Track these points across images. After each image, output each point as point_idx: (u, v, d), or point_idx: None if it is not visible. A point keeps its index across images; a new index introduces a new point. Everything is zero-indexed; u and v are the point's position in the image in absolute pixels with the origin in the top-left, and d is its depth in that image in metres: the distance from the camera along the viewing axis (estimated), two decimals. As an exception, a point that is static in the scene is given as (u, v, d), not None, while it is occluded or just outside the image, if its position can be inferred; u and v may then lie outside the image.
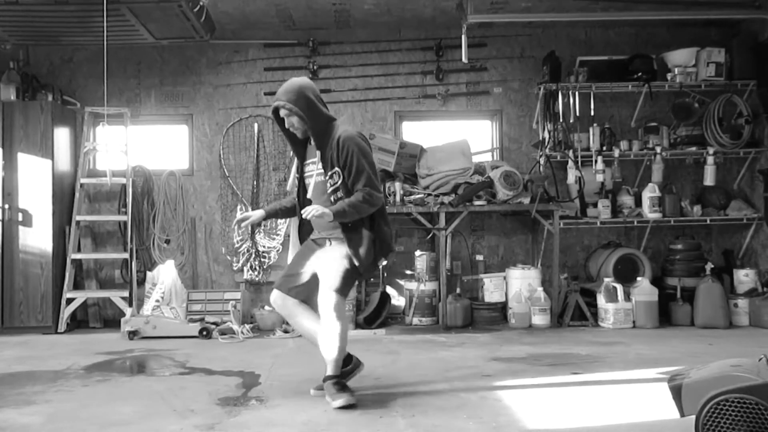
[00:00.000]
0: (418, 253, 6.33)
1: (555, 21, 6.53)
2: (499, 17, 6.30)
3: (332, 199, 3.52)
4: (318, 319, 3.59)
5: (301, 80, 3.62)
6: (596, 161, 6.28)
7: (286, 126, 3.61)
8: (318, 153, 3.58)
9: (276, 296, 3.77)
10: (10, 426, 3.22)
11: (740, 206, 6.48)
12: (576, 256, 6.85)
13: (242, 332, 5.73)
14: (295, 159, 3.82)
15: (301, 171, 3.76)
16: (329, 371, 3.54)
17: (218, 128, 6.86)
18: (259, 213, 3.80)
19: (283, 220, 6.67)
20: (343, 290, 3.52)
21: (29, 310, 6.07)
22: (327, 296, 3.49)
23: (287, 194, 4.05)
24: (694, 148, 6.44)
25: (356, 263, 3.53)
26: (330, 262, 3.58)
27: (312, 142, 3.64)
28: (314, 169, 3.64)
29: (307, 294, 3.72)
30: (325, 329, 3.50)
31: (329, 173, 3.53)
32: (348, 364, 3.69)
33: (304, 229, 3.81)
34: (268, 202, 6.80)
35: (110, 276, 6.75)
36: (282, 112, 3.57)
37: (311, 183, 3.68)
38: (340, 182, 3.50)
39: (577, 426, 3.11)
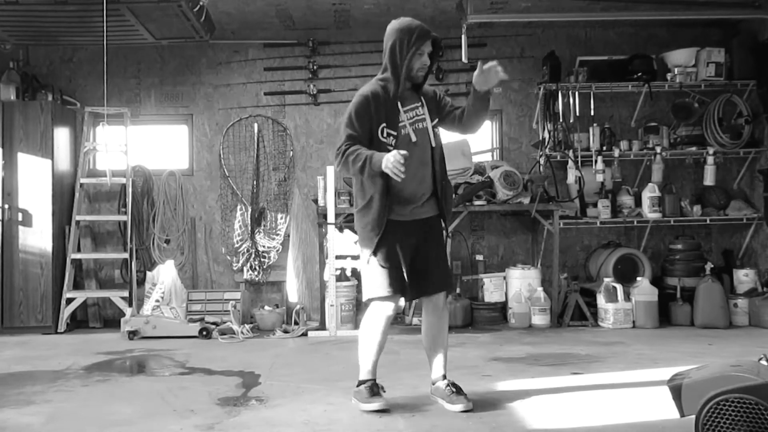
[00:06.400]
0: (418, 252, 6.31)
1: (555, 21, 6.53)
2: (498, 17, 6.30)
3: (433, 144, 3.45)
4: None
5: None
6: (596, 161, 6.28)
7: (423, 63, 3.41)
8: (423, 99, 3.49)
9: (392, 308, 3.40)
10: (10, 426, 3.21)
11: (740, 206, 6.48)
12: (576, 256, 6.85)
13: (242, 332, 5.73)
14: (377, 114, 3.37)
15: (395, 121, 3.39)
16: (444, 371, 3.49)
17: (218, 128, 6.86)
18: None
19: (283, 219, 6.67)
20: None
21: (29, 310, 6.07)
22: (442, 299, 3.45)
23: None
24: (694, 148, 6.44)
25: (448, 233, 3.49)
26: (441, 253, 3.45)
27: (410, 86, 3.47)
28: (414, 115, 3.44)
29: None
30: (444, 330, 3.48)
31: (434, 122, 3.48)
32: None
33: (397, 193, 3.34)
34: (268, 202, 6.80)
35: (110, 276, 6.75)
36: (434, 50, 3.49)
37: (414, 129, 3.41)
38: (439, 132, 3.52)
39: (577, 426, 3.11)
